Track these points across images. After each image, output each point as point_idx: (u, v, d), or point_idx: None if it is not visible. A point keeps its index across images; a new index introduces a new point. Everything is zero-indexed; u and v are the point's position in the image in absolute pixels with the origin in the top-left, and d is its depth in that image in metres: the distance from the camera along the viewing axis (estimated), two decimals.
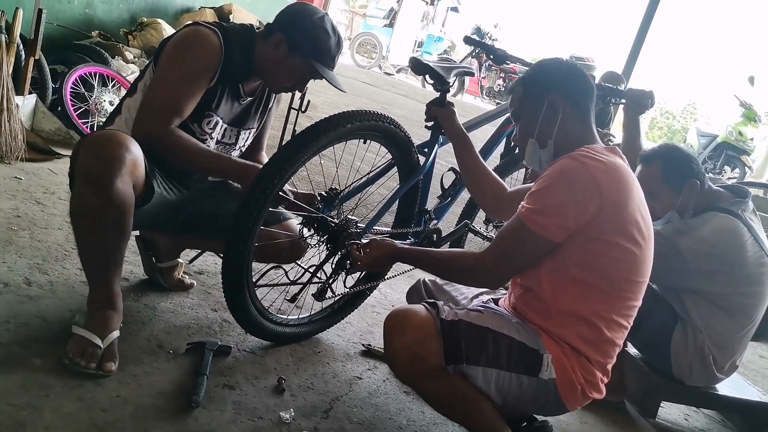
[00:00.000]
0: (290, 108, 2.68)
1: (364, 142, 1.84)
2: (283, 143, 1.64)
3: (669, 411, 2.24)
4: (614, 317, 1.36)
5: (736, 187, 2.16)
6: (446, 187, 2.23)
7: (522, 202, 1.35)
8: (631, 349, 2.26)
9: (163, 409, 1.40)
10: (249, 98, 1.81)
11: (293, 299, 1.79)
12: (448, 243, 2.29)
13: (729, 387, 2.18)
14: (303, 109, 2.38)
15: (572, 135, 1.43)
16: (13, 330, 1.49)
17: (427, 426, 1.67)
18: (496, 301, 1.59)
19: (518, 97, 1.52)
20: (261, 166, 1.59)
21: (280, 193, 1.63)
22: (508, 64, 2.50)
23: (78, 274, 1.85)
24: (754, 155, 8.43)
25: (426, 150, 2.03)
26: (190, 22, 1.80)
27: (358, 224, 1.85)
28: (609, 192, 1.28)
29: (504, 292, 1.71)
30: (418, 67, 1.92)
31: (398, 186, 2.00)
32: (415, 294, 1.87)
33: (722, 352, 2.03)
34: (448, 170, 2.21)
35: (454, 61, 10.08)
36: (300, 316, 1.95)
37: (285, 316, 1.90)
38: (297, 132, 1.64)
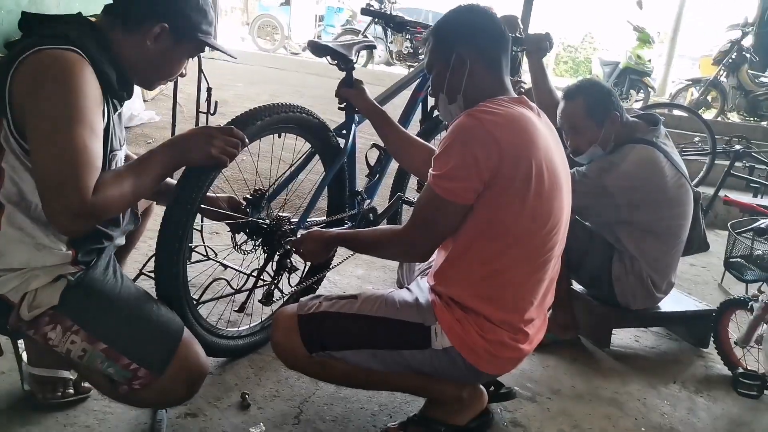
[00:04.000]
0: (198, 111, 2.55)
1: (279, 136, 1.77)
2: None
3: (620, 337, 2.36)
4: (520, 270, 1.36)
5: (647, 115, 2.25)
6: (372, 165, 2.21)
7: (430, 169, 1.34)
8: (577, 287, 2.35)
9: None
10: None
11: (241, 309, 1.74)
12: (386, 220, 2.29)
13: (669, 303, 2.31)
14: (213, 112, 2.27)
15: (482, 87, 1.40)
16: None
17: (399, 406, 1.67)
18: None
19: (429, 48, 1.49)
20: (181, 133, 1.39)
21: (202, 206, 1.55)
22: (409, 29, 2.46)
23: None
24: (654, 74, 8.87)
25: (344, 132, 1.99)
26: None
27: (291, 220, 1.81)
28: (507, 144, 1.27)
29: None
30: (317, 50, 1.86)
31: (323, 173, 1.96)
32: (398, 272, 1.91)
33: (659, 273, 2.15)
34: (371, 147, 2.19)
35: (358, 31, 9.94)
36: (251, 324, 1.89)
37: (236, 329, 1.84)
38: None
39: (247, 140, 1.47)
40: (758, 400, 1.93)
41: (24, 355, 1.46)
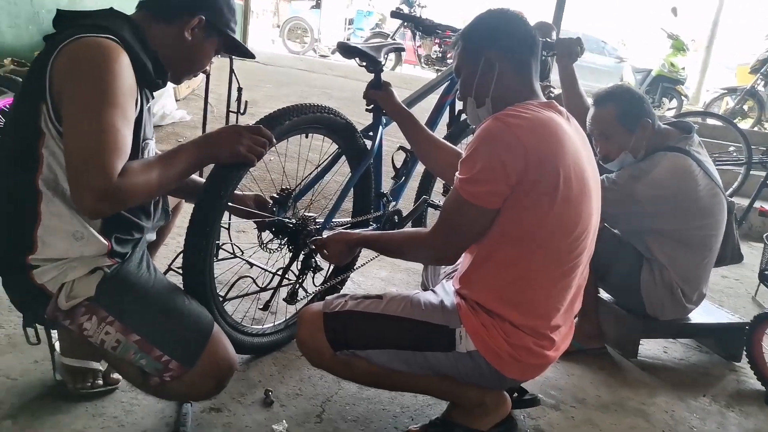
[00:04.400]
0: (228, 111, 2.59)
1: (306, 137, 1.79)
2: None
3: (648, 347, 2.31)
4: (546, 275, 1.34)
5: (681, 123, 2.20)
6: (398, 167, 2.21)
7: (456, 172, 1.33)
8: (604, 295, 2.31)
9: None
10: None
11: (266, 307, 1.75)
12: (410, 222, 2.29)
13: (700, 314, 2.26)
14: (242, 111, 2.30)
15: (511, 91, 1.39)
16: None
17: (421, 409, 1.66)
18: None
19: (458, 52, 1.48)
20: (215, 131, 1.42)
21: (229, 204, 1.57)
22: (438, 32, 2.46)
23: None
24: (688, 83, 8.69)
25: (371, 133, 2.00)
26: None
27: (317, 220, 1.82)
28: (534, 149, 1.25)
29: None
30: (347, 51, 1.87)
31: (350, 174, 1.97)
32: (423, 275, 1.92)
33: (689, 284, 2.10)
34: (397, 149, 2.19)
35: (387, 35, 9.96)
36: (276, 323, 1.91)
37: (260, 326, 1.86)
38: None
39: (274, 140, 1.49)
40: None
41: (57, 345, 1.50)
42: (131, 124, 1.23)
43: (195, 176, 1.60)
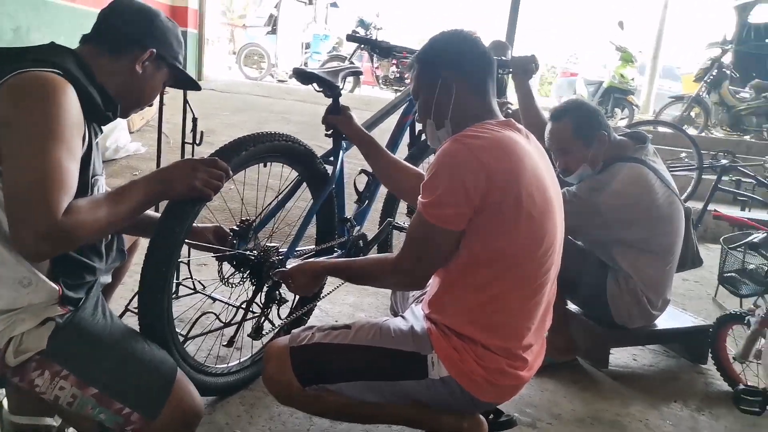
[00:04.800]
0: (184, 143, 2.53)
1: (265, 166, 1.75)
2: None
3: (618, 356, 2.32)
4: (516, 295, 1.33)
5: (635, 134, 2.25)
6: (361, 191, 2.19)
7: (419, 196, 1.32)
8: (572, 308, 2.32)
9: None
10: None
11: (230, 343, 1.69)
12: (376, 246, 2.26)
13: (665, 319, 2.28)
14: (198, 142, 2.25)
15: (469, 112, 1.39)
16: None
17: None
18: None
19: (414, 75, 1.48)
20: (174, 163, 1.37)
21: (187, 240, 1.52)
22: (395, 54, 2.47)
23: None
24: (638, 93, 8.99)
25: (332, 158, 1.97)
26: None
27: (279, 250, 1.77)
28: (495, 168, 1.25)
29: None
30: (303, 77, 1.85)
31: (311, 201, 1.93)
32: (391, 299, 1.89)
33: (653, 291, 2.13)
34: (359, 173, 2.17)
35: (344, 57, 10.02)
36: (242, 360, 1.84)
37: (225, 365, 1.79)
38: None
39: (231, 172, 1.45)
40: (760, 416, 1.89)
41: (4, 402, 1.40)
42: (77, 160, 1.16)
43: (151, 211, 1.54)
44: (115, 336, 1.28)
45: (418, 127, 2.38)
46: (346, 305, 2.51)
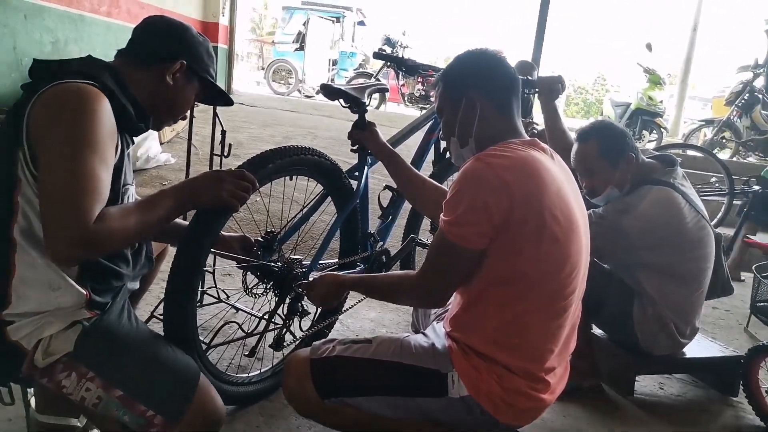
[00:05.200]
0: (212, 154, 2.57)
1: (291, 179, 1.77)
2: None
3: (644, 384, 2.27)
4: (539, 316, 1.31)
5: (664, 156, 2.22)
6: (385, 207, 2.19)
7: (441, 214, 1.31)
8: (597, 332, 2.27)
9: None
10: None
11: (252, 353, 1.70)
12: (399, 262, 2.26)
13: (694, 348, 2.23)
14: (226, 154, 2.29)
15: (493, 131, 1.39)
16: None
17: None
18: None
19: (439, 93, 1.49)
20: (195, 176, 1.39)
21: (213, 249, 1.54)
22: (421, 72, 2.49)
23: None
24: (666, 115, 8.89)
25: (357, 174, 1.99)
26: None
27: (303, 262, 1.78)
28: (518, 187, 1.24)
29: None
30: (330, 93, 1.87)
31: (336, 215, 1.94)
32: (413, 315, 1.89)
33: (681, 318, 2.08)
34: (384, 189, 2.18)
35: (370, 74, 10.13)
36: (262, 370, 1.84)
37: (246, 374, 1.79)
38: None
39: (257, 184, 1.47)
40: None
41: (32, 401, 1.42)
42: (110, 169, 1.19)
43: (179, 220, 1.56)
44: (140, 340, 1.30)
45: (443, 144, 2.38)
46: (367, 320, 2.50)
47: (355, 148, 1.96)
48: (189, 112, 1.50)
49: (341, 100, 1.89)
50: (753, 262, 2.51)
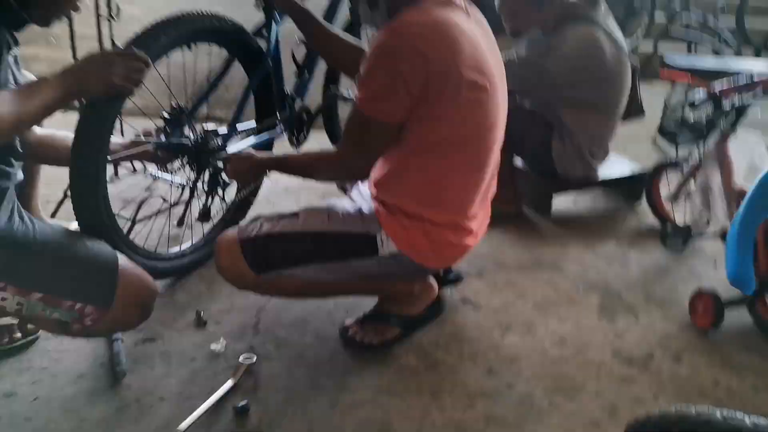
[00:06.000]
0: (99, 17, 2.31)
1: (189, 48, 1.64)
2: None
3: (560, 201, 2.44)
4: (462, 173, 1.37)
5: None
6: (300, 63, 2.09)
7: (355, 89, 1.29)
8: (519, 163, 2.40)
9: (91, 391, 1.35)
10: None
11: (181, 222, 1.73)
12: (322, 117, 2.22)
13: (606, 167, 2.39)
14: (116, 17, 2.08)
15: None
16: None
17: (355, 301, 1.68)
18: None
19: None
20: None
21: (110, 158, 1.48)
22: None
23: None
24: None
25: (264, 32, 1.85)
26: None
27: (219, 131, 1.73)
28: (433, 56, 1.22)
29: None
30: None
31: (247, 81, 1.85)
32: None
33: (596, 145, 2.24)
34: (298, 43, 2.05)
35: None
36: (195, 242, 1.87)
37: (178, 249, 1.82)
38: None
39: (151, 62, 1.36)
40: (682, 253, 2.07)
41: None
42: None
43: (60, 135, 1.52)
44: (41, 239, 1.26)
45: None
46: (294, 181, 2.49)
47: (258, 3, 1.80)
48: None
49: None
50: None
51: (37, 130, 1.53)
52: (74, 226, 1.48)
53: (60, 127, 1.60)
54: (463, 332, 1.64)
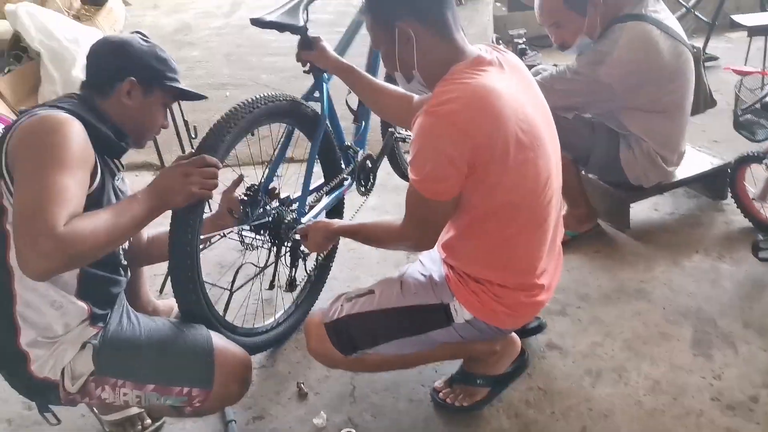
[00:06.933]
0: (180, 137, 2.48)
1: (252, 135, 1.70)
2: None
3: (639, 209, 2.35)
4: (526, 233, 1.37)
5: None
6: (355, 109, 2.12)
7: (409, 171, 1.31)
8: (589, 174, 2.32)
9: None
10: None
11: (271, 286, 1.84)
12: (383, 160, 2.24)
13: (683, 164, 2.27)
14: (195, 135, 2.21)
15: (436, 59, 1.31)
16: None
17: (443, 365, 1.72)
18: None
19: (369, 26, 1.39)
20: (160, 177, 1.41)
21: (202, 237, 1.56)
22: None
23: None
24: None
25: (317, 95, 1.89)
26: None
27: (291, 199, 1.80)
28: (475, 129, 1.21)
29: None
30: (263, 26, 1.71)
31: (310, 145, 1.90)
32: None
33: (668, 149, 2.11)
34: (349, 93, 2.07)
35: None
36: (286, 308, 1.96)
37: (272, 320, 1.91)
38: None
39: (221, 164, 1.45)
40: None
41: (95, 409, 1.59)
42: (80, 183, 1.20)
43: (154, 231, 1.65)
44: (146, 335, 1.41)
45: None
46: (368, 209, 2.52)
47: (306, 68, 1.84)
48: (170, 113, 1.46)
49: (275, 31, 1.73)
50: None
51: (146, 232, 1.68)
52: None
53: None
54: (553, 385, 1.65)
